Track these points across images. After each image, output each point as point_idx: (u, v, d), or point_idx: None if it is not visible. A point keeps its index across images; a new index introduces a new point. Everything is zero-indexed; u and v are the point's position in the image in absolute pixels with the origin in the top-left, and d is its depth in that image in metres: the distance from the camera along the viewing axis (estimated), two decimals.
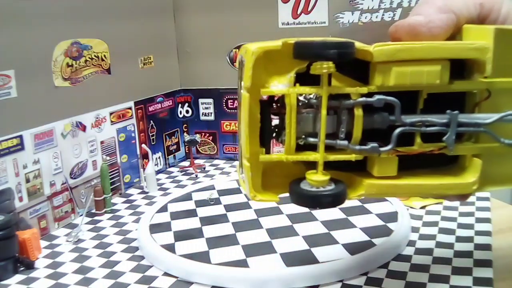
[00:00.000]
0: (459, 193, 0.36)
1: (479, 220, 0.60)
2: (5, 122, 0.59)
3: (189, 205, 0.68)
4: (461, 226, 0.59)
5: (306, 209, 0.64)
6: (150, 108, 0.85)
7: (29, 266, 0.55)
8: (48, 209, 0.64)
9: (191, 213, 0.65)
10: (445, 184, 0.35)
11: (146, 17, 0.83)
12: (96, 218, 0.68)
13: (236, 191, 0.72)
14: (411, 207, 0.65)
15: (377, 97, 0.33)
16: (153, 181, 0.78)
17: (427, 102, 0.34)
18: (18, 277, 0.53)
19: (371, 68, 0.34)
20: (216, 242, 0.56)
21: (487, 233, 0.56)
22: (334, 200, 0.33)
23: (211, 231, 0.59)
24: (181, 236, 0.58)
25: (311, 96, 0.33)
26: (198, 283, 0.50)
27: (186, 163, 0.92)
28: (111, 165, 0.75)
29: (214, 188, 0.73)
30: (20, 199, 0.61)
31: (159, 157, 0.88)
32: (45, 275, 0.53)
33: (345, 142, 0.34)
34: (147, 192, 0.78)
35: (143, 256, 0.56)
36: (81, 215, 0.68)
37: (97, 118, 0.73)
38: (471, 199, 0.66)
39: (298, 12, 0.84)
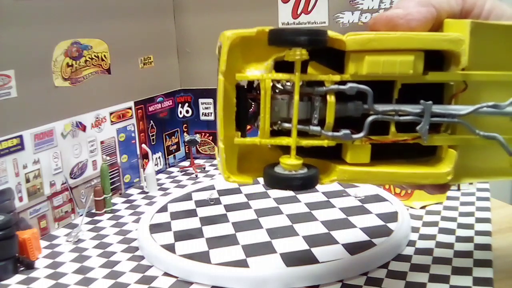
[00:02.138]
0: (433, 183, 0.36)
1: (479, 220, 0.60)
2: (5, 122, 0.59)
3: (189, 205, 0.68)
4: (461, 226, 0.59)
5: (306, 209, 0.64)
6: (150, 108, 0.85)
7: (29, 266, 0.55)
8: (48, 209, 0.64)
9: (191, 213, 0.65)
10: (418, 173, 0.36)
11: (146, 17, 0.83)
12: (96, 218, 0.68)
13: (236, 191, 0.72)
14: (411, 207, 0.65)
15: (349, 85, 0.34)
16: (153, 181, 0.78)
17: (406, 93, 0.35)
18: (18, 277, 0.53)
19: (346, 57, 0.34)
20: (216, 242, 0.56)
21: (487, 233, 0.56)
22: (304, 183, 0.33)
23: (211, 231, 0.59)
24: (181, 236, 0.58)
25: (288, 83, 0.34)
26: (198, 283, 0.50)
27: (186, 163, 0.92)
28: (111, 165, 0.75)
29: (214, 188, 0.73)
30: (20, 199, 0.61)
31: (159, 157, 0.88)
32: (45, 275, 0.53)
33: (318, 128, 0.34)
34: (147, 192, 0.78)
35: (143, 256, 0.56)
36: (81, 215, 0.68)
37: (97, 118, 0.73)
38: (471, 199, 0.66)
39: (298, 12, 0.84)
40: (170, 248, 0.55)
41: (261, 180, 0.36)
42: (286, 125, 0.34)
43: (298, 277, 0.48)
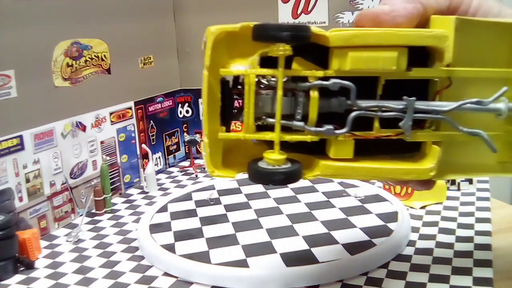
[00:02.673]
0: (416, 179, 0.36)
1: (479, 220, 0.60)
2: (5, 122, 0.59)
3: (189, 205, 0.68)
4: (461, 226, 0.59)
5: (306, 209, 0.64)
6: (150, 108, 0.85)
7: (29, 266, 0.55)
8: (48, 209, 0.64)
9: (191, 213, 0.65)
10: (401, 169, 0.36)
11: (146, 17, 0.83)
12: (96, 218, 0.68)
13: (236, 191, 0.72)
14: (411, 207, 0.65)
15: (332, 80, 0.34)
16: (153, 181, 0.78)
17: (392, 89, 0.35)
18: (18, 277, 0.53)
19: (330, 52, 0.35)
20: (216, 242, 0.56)
21: (487, 233, 0.56)
22: (286, 177, 0.34)
23: (211, 231, 0.59)
24: (181, 236, 0.58)
25: (273, 78, 0.34)
26: (198, 283, 0.50)
27: (186, 163, 0.92)
28: (111, 165, 0.75)
29: (214, 188, 0.73)
30: (20, 199, 0.61)
31: (159, 157, 0.88)
32: (45, 275, 0.53)
33: (301, 123, 0.34)
34: (147, 192, 0.78)
35: (143, 256, 0.56)
36: (81, 215, 0.68)
37: (97, 118, 0.73)
38: (471, 199, 0.66)
39: (298, 12, 0.84)
40: (170, 248, 0.55)
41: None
42: (270, 120, 0.34)
43: (298, 277, 0.48)
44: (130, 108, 0.80)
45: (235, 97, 0.36)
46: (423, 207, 0.65)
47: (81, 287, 0.50)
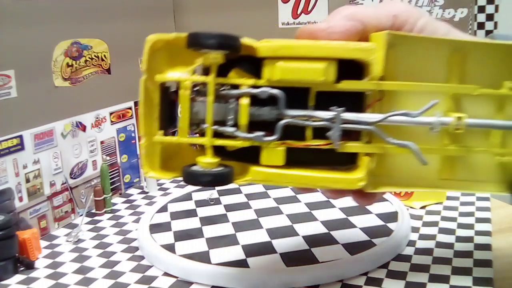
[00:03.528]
0: (346, 188, 0.37)
1: (479, 220, 0.60)
2: (5, 122, 0.59)
3: (189, 205, 0.68)
4: (461, 226, 0.59)
5: (306, 209, 0.64)
6: None
7: (29, 266, 0.55)
8: (48, 209, 0.64)
9: (191, 213, 0.65)
10: (330, 178, 0.37)
11: (146, 17, 0.83)
12: (96, 218, 0.68)
13: (236, 191, 0.72)
14: (411, 207, 0.65)
15: (261, 89, 0.35)
16: (153, 181, 0.78)
17: (330, 102, 0.36)
18: (18, 277, 0.53)
19: (263, 63, 0.36)
20: (216, 242, 0.56)
21: (487, 233, 0.56)
22: (214, 179, 0.35)
23: (211, 231, 0.59)
24: (181, 236, 0.58)
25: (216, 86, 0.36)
26: (198, 283, 0.50)
27: None
28: (111, 165, 0.75)
29: (214, 188, 0.73)
30: (20, 199, 0.61)
31: None
32: (45, 275, 0.53)
33: (232, 129, 0.36)
34: (147, 192, 0.78)
35: (143, 256, 0.56)
36: (81, 215, 0.68)
37: (97, 118, 0.73)
38: (471, 199, 0.66)
39: (298, 12, 0.84)
40: (170, 248, 0.55)
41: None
42: (205, 126, 0.36)
43: (298, 277, 0.48)
44: (130, 108, 0.80)
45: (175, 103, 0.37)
46: (423, 207, 0.65)
47: (81, 287, 0.50)
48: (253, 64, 0.36)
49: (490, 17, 0.89)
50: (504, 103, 0.37)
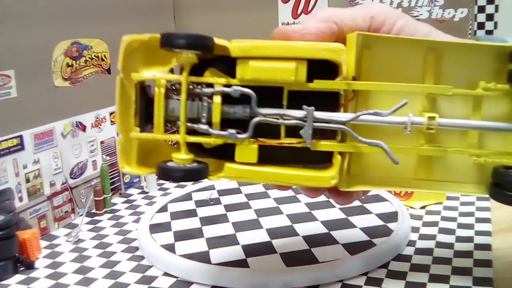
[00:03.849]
0: (318, 186, 0.38)
1: (479, 220, 0.60)
2: (5, 122, 0.59)
3: (189, 205, 0.68)
4: (461, 226, 0.59)
5: (306, 209, 0.64)
6: None
7: (29, 266, 0.55)
8: (48, 209, 0.64)
9: (191, 213, 0.65)
10: (302, 175, 0.38)
11: (146, 17, 0.83)
12: (96, 218, 0.68)
13: (236, 191, 0.72)
14: (411, 207, 0.65)
15: (233, 87, 0.36)
16: (153, 181, 0.78)
17: (307, 101, 0.36)
18: (18, 277, 0.53)
19: (237, 62, 0.37)
20: (216, 242, 0.56)
21: (487, 233, 0.56)
22: (185, 175, 0.36)
23: (211, 231, 0.59)
24: (181, 236, 0.58)
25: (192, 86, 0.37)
26: (198, 283, 0.50)
27: None
28: (111, 165, 0.75)
29: (214, 188, 0.73)
30: (20, 199, 0.61)
31: None
32: (45, 275, 0.53)
33: (205, 127, 0.37)
34: (147, 192, 0.78)
35: (143, 256, 0.56)
36: (81, 215, 0.68)
37: (97, 118, 0.73)
38: (471, 199, 0.66)
39: (298, 12, 0.84)
40: (170, 248, 0.55)
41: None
42: (179, 123, 0.37)
43: (298, 277, 0.48)
44: None
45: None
46: (423, 207, 0.65)
47: (81, 287, 0.50)
48: (229, 64, 0.37)
49: (490, 17, 0.89)
50: (479, 104, 0.37)
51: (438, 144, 0.38)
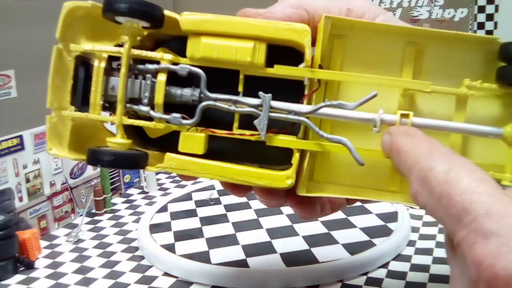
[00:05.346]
0: (270, 185, 0.33)
1: None
2: (5, 122, 0.59)
3: (189, 205, 0.68)
4: None
5: None
6: None
7: (29, 266, 0.55)
8: (48, 209, 0.64)
9: (191, 213, 0.65)
10: (254, 172, 0.33)
11: None
12: (96, 218, 0.68)
13: None
14: (411, 207, 0.65)
15: (181, 65, 0.32)
16: (153, 181, 0.78)
17: (265, 92, 0.32)
18: (18, 277, 0.53)
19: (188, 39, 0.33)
20: (216, 242, 0.56)
21: None
22: (114, 160, 0.32)
23: (211, 231, 0.59)
24: (181, 236, 0.58)
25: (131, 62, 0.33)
26: (198, 283, 0.50)
27: None
28: None
29: (214, 188, 0.73)
30: (20, 199, 0.61)
31: None
32: (45, 275, 0.53)
33: (147, 108, 0.33)
34: (147, 192, 0.78)
35: (143, 256, 0.56)
36: (81, 215, 0.68)
37: None
38: None
39: None
40: (170, 248, 0.55)
41: None
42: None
43: (298, 277, 0.48)
44: None
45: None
46: None
47: (81, 287, 0.50)
48: (184, 45, 0.33)
49: (490, 17, 0.89)
50: (464, 104, 0.33)
51: None
